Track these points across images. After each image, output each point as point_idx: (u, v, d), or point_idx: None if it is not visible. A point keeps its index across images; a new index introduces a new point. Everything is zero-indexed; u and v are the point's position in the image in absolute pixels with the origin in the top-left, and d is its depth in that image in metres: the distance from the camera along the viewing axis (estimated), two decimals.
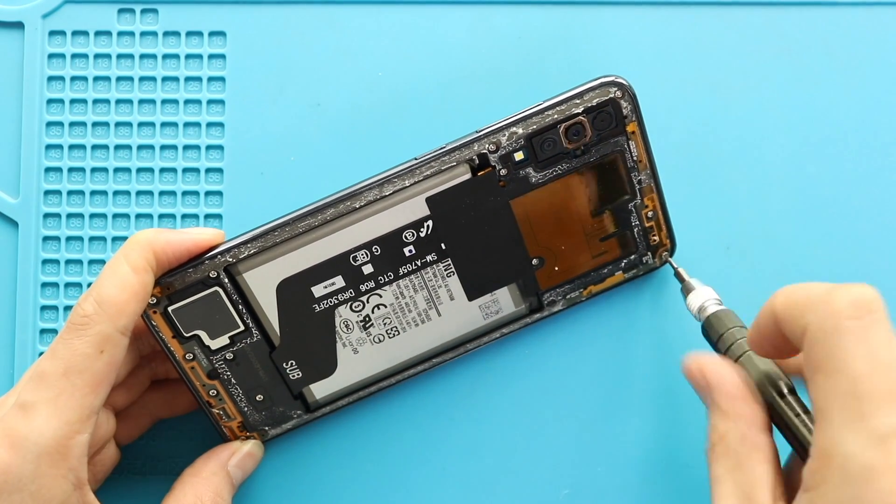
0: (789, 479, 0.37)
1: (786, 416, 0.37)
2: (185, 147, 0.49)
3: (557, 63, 0.49)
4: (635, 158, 0.44)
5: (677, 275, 0.45)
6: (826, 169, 0.48)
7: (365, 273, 0.44)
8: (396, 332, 0.46)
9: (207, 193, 0.49)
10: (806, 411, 0.37)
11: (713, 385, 0.38)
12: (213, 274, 0.43)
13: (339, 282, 0.44)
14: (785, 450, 0.38)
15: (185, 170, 0.49)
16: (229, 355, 0.45)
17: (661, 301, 0.48)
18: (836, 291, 0.33)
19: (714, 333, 0.42)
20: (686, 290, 0.44)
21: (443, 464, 0.48)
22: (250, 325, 0.44)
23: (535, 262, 0.45)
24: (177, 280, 0.43)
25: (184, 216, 0.49)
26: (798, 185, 0.48)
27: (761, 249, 0.48)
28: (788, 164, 0.48)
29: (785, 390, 0.38)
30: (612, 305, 0.48)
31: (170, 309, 0.43)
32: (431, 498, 0.48)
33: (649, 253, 0.46)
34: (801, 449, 0.37)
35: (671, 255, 0.47)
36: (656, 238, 0.46)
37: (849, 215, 0.48)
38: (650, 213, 0.45)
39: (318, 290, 0.44)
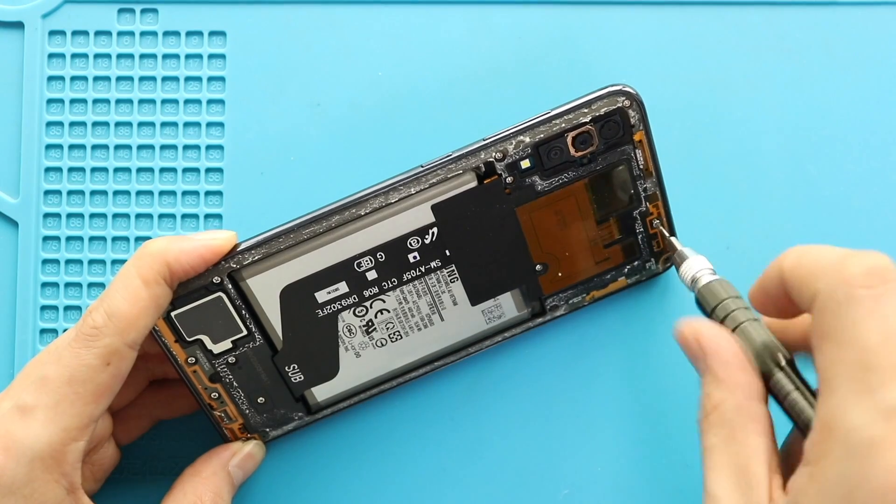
0: (788, 456, 0.36)
1: (784, 387, 0.36)
2: (185, 147, 0.49)
3: (557, 63, 0.49)
4: (641, 167, 0.44)
5: (668, 242, 0.44)
6: (826, 169, 0.48)
7: (369, 279, 0.44)
8: (399, 337, 0.46)
9: (207, 193, 0.49)
10: (806, 385, 0.36)
11: (709, 351, 0.36)
12: (216, 279, 0.43)
13: (342, 287, 0.44)
14: (781, 427, 0.36)
15: (185, 170, 0.49)
16: (231, 359, 0.45)
17: (663, 306, 0.48)
18: (850, 258, 0.32)
19: (708, 305, 0.40)
20: (678, 259, 0.43)
21: (443, 465, 0.48)
22: (253, 329, 0.44)
23: (538, 267, 0.45)
24: (180, 285, 0.43)
25: (184, 216, 0.49)
26: (798, 185, 0.48)
27: (761, 249, 0.48)
28: (788, 163, 0.48)
29: (783, 362, 0.36)
30: (614, 310, 0.48)
31: (173, 314, 0.43)
32: (432, 499, 0.48)
33: (652, 259, 0.46)
34: (799, 422, 0.35)
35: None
36: (660, 245, 0.46)
37: (849, 215, 0.48)
38: (655, 221, 0.45)
39: (322, 296, 0.44)
